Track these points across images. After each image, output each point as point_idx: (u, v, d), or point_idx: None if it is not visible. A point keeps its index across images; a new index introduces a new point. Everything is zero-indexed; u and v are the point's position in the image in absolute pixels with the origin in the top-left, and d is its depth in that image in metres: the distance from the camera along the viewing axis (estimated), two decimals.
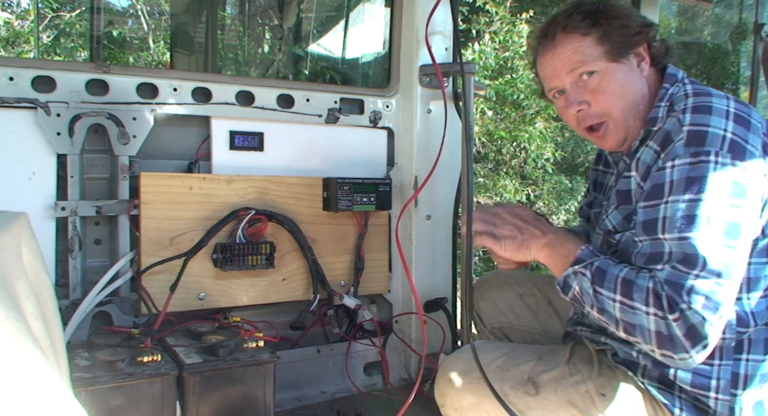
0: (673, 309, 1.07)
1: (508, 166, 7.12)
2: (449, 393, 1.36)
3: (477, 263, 7.10)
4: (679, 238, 1.11)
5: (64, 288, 1.78)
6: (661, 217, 1.15)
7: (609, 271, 1.18)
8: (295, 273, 2.05)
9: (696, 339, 1.07)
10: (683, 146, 1.16)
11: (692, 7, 4.49)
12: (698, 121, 1.18)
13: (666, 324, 1.08)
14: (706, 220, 1.10)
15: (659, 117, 1.29)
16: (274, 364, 1.64)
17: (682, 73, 1.35)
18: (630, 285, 1.14)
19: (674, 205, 1.13)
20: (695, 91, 1.27)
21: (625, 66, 1.32)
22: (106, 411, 1.42)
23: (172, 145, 1.97)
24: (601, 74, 1.31)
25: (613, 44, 1.31)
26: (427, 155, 2.22)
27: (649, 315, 1.10)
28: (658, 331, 1.10)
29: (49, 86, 1.74)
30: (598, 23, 1.31)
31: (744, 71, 7.76)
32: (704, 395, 1.22)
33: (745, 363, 1.21)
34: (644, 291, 1.11)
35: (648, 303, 1.11)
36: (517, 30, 6.89)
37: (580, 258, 1.24)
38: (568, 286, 1.25)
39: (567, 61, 1.33)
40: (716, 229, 1.09)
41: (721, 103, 1.21)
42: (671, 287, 1.09)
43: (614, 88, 1.31)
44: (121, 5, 8.47)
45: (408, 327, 2.29)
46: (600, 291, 1.18)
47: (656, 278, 1.12)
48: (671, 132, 1.21)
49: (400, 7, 2.26)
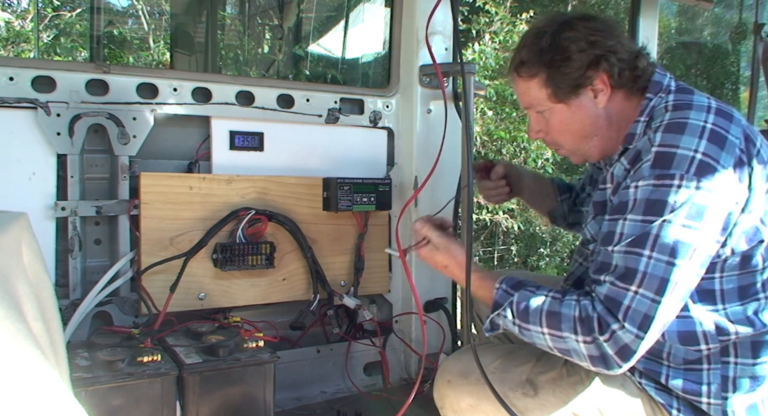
0: (604, 330, 1.12)
1: None
2: (448, 395, 1.36)
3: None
4: (625, 252, 1.15)
5: (64, 288, 1.78)
6: (618, 232, 1.18)
7: (531, 306, 1.22)
8: (295, 273, 2.05)
9: (626, 355, 1.12)
10: (649, 167, 1.16)
11: (692, 7, 4.50)
12: (668, 141, 1.17)
13: (596, 346, 1.14)
14: (654, 239, 1.12)
15: (637, 133, 1.28)
16: (274, 364, 1.64)
17: (668, 78, 1.33)
18: (556, 317, 1.18)
19: (631, 223, 1.16)
20: (675, 104, 1.25)
21: (574, 104, 1.32)
22: (106, 411, 1.42)
23: (172, 145, 1.97)
24: (549, 112, 1.35)
25: (558, 88, 1.31)
26: (427, 155, 2.22)
27: (579, 343, 1.16)
28: (590, 355, 1.15)
29: (49, 86, 1.74)
30: (543, 64, 1.30)
31: (744, 71, 7.77)
32: (696, 400, 1.23)
33: (734, 366, 1.22)
34: (571, 321, 1.16)
35: (577, 332, 1.16)
36: (517, 30, 6.89)
37: (497, 301, 1.29)
38: (496, 326, 1.31)
39: (522, 99, 1.40)
40: (663, 248, 1.11)
41: (698, 119, 1.19)
42: (608, 303, 1.14)
43: (561, 127, 1.36)
44: (121, 5, 8.47)
45: (408, 327, 2.29)
46: (526, 327, 1.23)
47: (583, 300, 1.17)
48: (642, 151, 1.21)
49: (400, 7, 2.26)
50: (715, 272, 1.21)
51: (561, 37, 1.28)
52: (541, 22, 1.36)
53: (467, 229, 2.03)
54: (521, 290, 1.27)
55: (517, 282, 1.30)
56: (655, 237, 1.12)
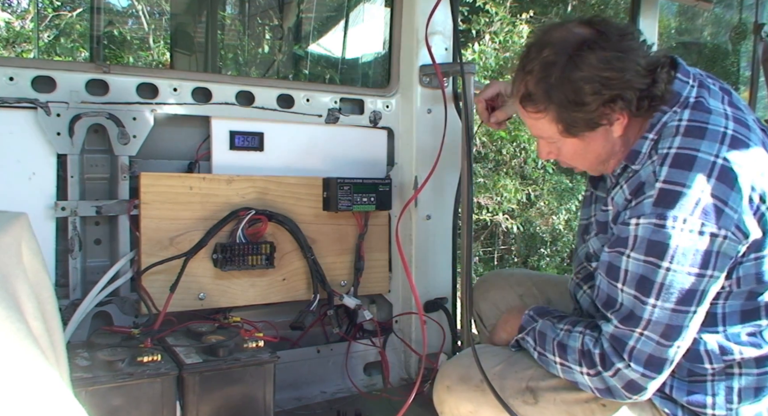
0: (608, 366, 1.15)
1: (508, 166, 7.12)
2: (447, 400, 1.35)
3: (477, 263, 7.10)
4: (634, 297, 1.14)
5: (64, 288, 1.78)
6: (623, 269, 1.16)
7: (548, 335, 1.29)
8: (295, 273, 2.05)
9: (635, 390, 1.15)
10: (651, 205, 1.11)
11: (692, 7, 4.48)
12: (674, 178, 1.10)
13: (600, 380, 1.17)
14: (659, 287, 1.10)
15: (642, 152, 1.21)
16: (274, 364, 1.64)
17: (689, 87, 1.21)
18: (564, 348, 1.24)
19: (634, 262, 1.14)
20: (688, 127, 1.15)
21: (588, 137, 1.23)
22: (106, 411, 1.42)
23: (172, 145, 1.97)
24: (561, 143, 1.28)
25: (567, 126, 1.22)
26: (427, 155, 2.22)
27: (583, 375, 1.20)
28: (595, 387, 1.20)
29: (49, 86, 1.74)
30: (552, 103, 1.19)
31: (744, 71, 7.76)
32: (701, 411, 1.22)
33: (739, 377, 1.21)
34: (576, 353, 1.20)
35: (580, 364, 1.19)
36: (517, 30, 6.88)
37: (522, 326, 1.38)
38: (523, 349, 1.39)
39: (529, 126, 1.31)
40: (669, 297, 1.10)
41: (709, 152, 1.10)
42: (614, 343, 1.15)
43: (574, 156, 1.31)
44: (121, 5, 8.46)
45: (408, 327, 2.29)
46: (543, 353, 1.29)
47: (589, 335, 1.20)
48: (645, 183, 1.15)
49: (400, 7, 2.26)
50: (719, 300, 1.19)
51: (572, 77, 1.15)
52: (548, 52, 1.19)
53: (467, 229, 2.03)
54: (545, 318, 1.33)
55: (545, 311, 1.37)
56: (660, 285, 1.10)
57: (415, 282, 2.09)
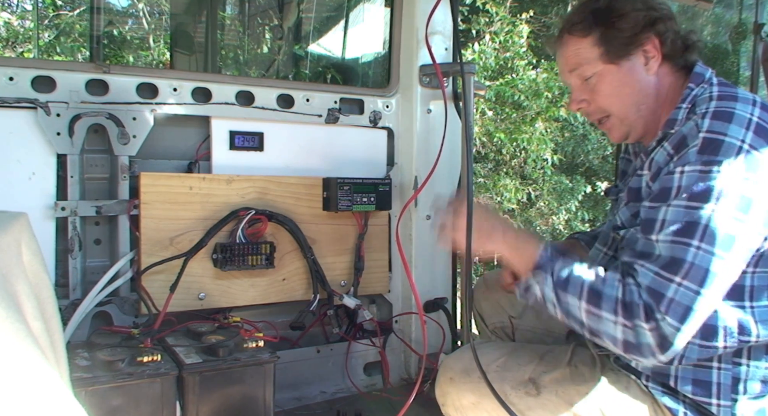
0: (650, 318, 1.09)
1: (508, 166, 7.12)
2: (450, 392, 1.36)
3: (477, 263, 7.10)
4: (672, 242, 1.12)
5: (64, 288, 1.78)
6: (660, 219, 1.15)
7: (573, 277, 1.19)
8: (295, 273, 2.05)
9: (666, 347, 1.09)
10: (696, 153, 1.14)
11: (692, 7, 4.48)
12: (716, 128, 1.15)
13: (635, 334, 1.10)
14: (703, 229, 1.09)
15: (679, 119, 1.26)
16: (274, 364, 1.64)
17: (710, 72, 1.31)
18: (598, 294, 1.15)
19: (676, 210, 1.13)
20: (720, 94, 1.23)
21: (625, 66, 1.31)
22: (106, 411, 1.42)
23: (172, 145, 1.97)
24: (598, 75, 1.32)
25: (611, 46, 1.30)
26: (427, 155, 2.22)
27: (617, 325, 1.12)
28: (625, 340, 1.12)
29: (49, 86, 1.74)
30: (598, 24, 1.30)
31: (744, 71, 7.76)
32: (706, 402, 1.21)
33: (746, 369, 1.21)
34: (613, 302, 1.13)
35: (617, 313, 1.12)
36: (517, 30, 6.89)
37: (539, 264, 1.25)
38: (531, 293, 1.26)
39: (569, 61, 1.36)
40: (711, 238, 1.09)
41: (744, 110, 1.17)
42: (652, 295, 1.10)
43: (610, 90, 1.33)
44: (121, 5, 8.46)
45: (408, 327, 2.29)
46: (563, 296, 1.19)
47: (629, 284, 1.13)
48: (687, 136, 1.18)
49: (400, 7, 2.26)
50: (748, 266, 1.18)
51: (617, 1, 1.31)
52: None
53: (467, 229, 2.03)
54: (566, 257, 1.24)
55: (563, 251, 1.27)
56: (704, 227, 1.09)
57: (415, 282, 2.09)
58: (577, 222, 7.22)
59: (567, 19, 1.36)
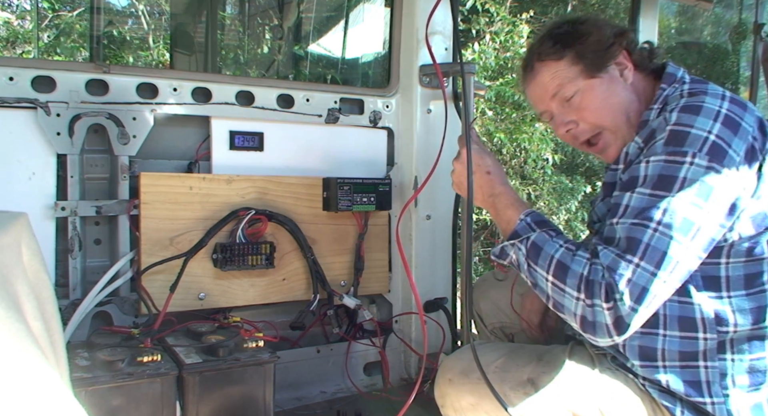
0: (609, 298, 1.11)
1: (508, 165, 7.12)
2: (449, 393, 1.36)
3: (477, 263, 7.10)
4: (631, 224, 1.15)
5: (64, 288, 1.78)
6: (623, 204, 1.19)
7: (545, 249, 1.23)
8: (295, 273, 2.05)
9: (621, 328, 1.12)
10: (663, 145, 1.18)
11: (692, 7, 4.49)
12: (683, 121, 1.19)
13: (593, 311, 1.13)
14: (662, 213, 1.13)
15: (650, 119, 1.29)
16: (274, 364, 1.64)
17: (682, 71, 1.35)
18: (564, 269, 1.18)
19: (638, 197, 1.17)
20: (691, 91, 1.27)
21: (605, 79, 1.35)
22: (106, 411, 1.42)
23: (172, 145, 1.97)
24: (582, 92, 1.35)
25: (588, 61, 1.35)
26: (427, 155, 2.22)
27: (578, 301, 1.15)
28: (582, 316, 1.15)
29: (49, 86, 1.74)
30: (569, 45, 1.35)
31: (744, 71, 7.76)
32: (701, 401, 1.22)
33: (731, 363, 1.21)
34: (577, 277, 1.16)
35: (579, 290, 1.15)
36: (517, 30, 6.89)
37: (517, 231, 1.31)
38: (505, 254, 1.32)
39: (547, 87, 1.40)
40: (669, 223, 1.12)
41: (713, 104, 1.20)
42: (610, 274, 1.13)
43: (598, 103, 1.35)
44: (121, 5, 8.47)
45: (408, 327, 2.29)
46: (534, 267, 1.24)
47: (595, 264, 1.15)
48: (656, 129, 1.23)
49: (400, 7, 2.26)
50: (721, 257, 1.20)
51: (578, 23, 1.38)
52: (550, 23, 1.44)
53: (467, 229, 2.03)
54: (543, 230, 1.28)
55: (542, 221, 1.32)
56: (662, 211, 1.12)
57: (415, 282, 2.09)
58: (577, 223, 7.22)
59: (533, 51, 1.41)
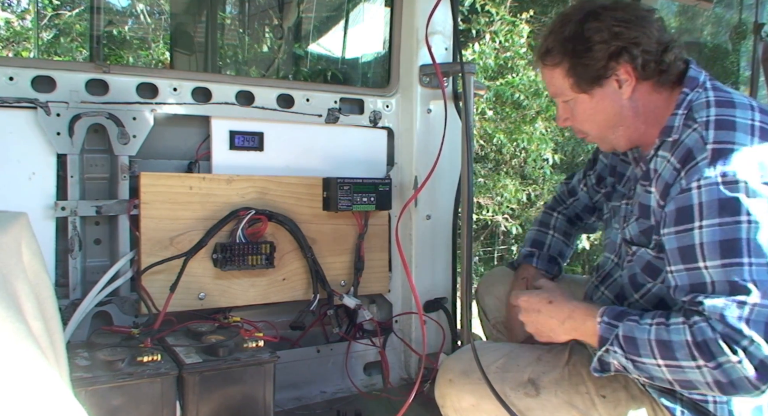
0: (735, 349, 1.04)
1: (508, 165, 7.12)
2: (449, 393, 1.36)
3: (477, 263, 7.10)
4: (722, 265, 1.08)
5: (64, 288, 1.78)
6: (697, 244, 1.11)
7: (638, 337, 1.14)
8: (295, 273, 2.05)
9: (765, 373, 1.03)
10: (708, 165, 1.12)
11: (692, 7, 4.48)
12: (723, 138, 1.14)
13: (723, 371, 1.05)
14: (747, 243, 1.06)
15: (675, 126, 1.25)
16: (274, 364, 1.64)
17: (704, 75, 1.30)
18: (668, 345, 1.10)
19: (709, 230, 1.09)
20: (717, 100, 1.22)
21: (597, 94, 1.30)
22: (106, 411, 1.42)
23: (172, 144, 1.97)
24: (573, 102, 1.35)
25: (580, 79, 1.30)
26: (427, 155, 2.22)
27: (701, 369, 1.07)
28: (716, 381, 1.06)
29: (49, 86, 1.74)
30: (566, 53, 1.30)
31: (744, 71, 7.75)
32: (703, 400, 1.22)
33: None
34: (685, 347, 1.08)
35: (694, 358, 1.07)
36: (517, 30, 6.89)
37: (603, 337, 1.20)
38: (606, 364, 1.21)
39: (548, 87, 1.40)
40: (759, 251, 1.06)
41: (745, 117, 1.18)
42: (726, 324, 1.05)
43: (584, 116, 1.35)
44: (121, 5, 8.46)
45: (408, 327, 2.29)
46: (639, 360, 1.14)
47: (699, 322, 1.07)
48: (693, 149, 1.17)
49: (400, 7, 2.26)
50: None
51: (585, 26, 1.27)
52: (569, 9, 1.34)
53: (467, 229, 2.03)
54: (625, 320, 1.18)
55: (620, 312, 1.20)
56: (747, 241, 1.06)
57: (415, 282, 2.09)
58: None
59: (540, 46, 1.38)
